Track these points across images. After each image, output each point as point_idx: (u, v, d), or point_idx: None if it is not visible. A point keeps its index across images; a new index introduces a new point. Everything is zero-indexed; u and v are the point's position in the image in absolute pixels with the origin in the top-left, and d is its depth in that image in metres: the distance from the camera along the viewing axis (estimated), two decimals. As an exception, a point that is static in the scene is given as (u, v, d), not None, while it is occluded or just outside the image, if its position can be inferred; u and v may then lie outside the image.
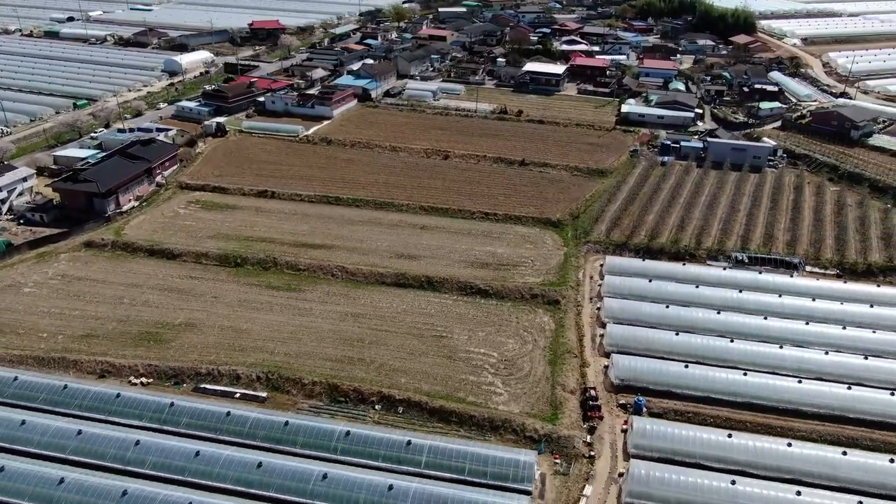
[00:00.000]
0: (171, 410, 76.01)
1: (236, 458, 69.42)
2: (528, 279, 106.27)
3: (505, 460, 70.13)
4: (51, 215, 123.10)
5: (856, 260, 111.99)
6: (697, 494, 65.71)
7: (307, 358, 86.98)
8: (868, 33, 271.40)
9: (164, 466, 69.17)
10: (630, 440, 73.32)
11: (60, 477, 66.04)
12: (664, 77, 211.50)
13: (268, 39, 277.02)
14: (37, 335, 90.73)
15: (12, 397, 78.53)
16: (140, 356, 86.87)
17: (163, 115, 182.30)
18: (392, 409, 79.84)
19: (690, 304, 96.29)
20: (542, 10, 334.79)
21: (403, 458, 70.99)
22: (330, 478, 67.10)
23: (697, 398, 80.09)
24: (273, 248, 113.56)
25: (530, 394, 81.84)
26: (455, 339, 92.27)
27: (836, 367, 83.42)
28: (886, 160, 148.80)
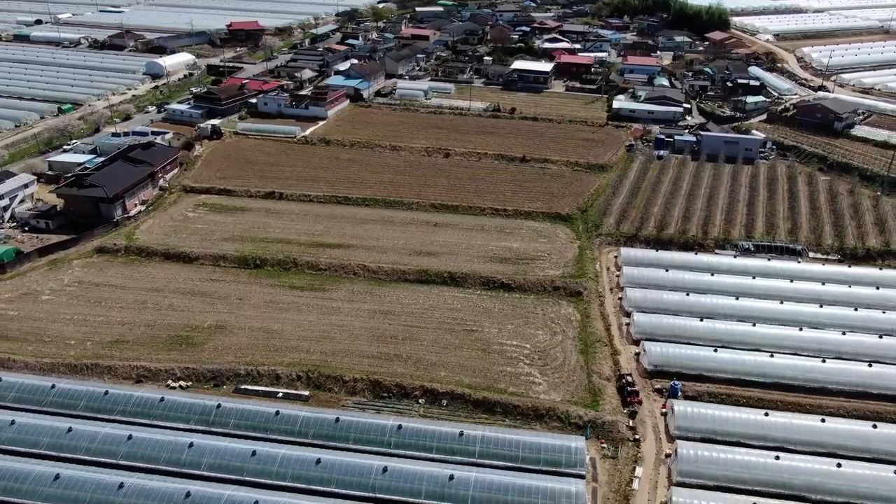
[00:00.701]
0: (219, 412, 75.95)
1: (293, 456, 69.86)
2: (547, 272, 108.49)
3: (556, 447, 72.08)
4: (56, 222, 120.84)
5: (855, 245, 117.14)
6: (744, 470, 68.64)
7: (344, 356, 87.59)
8: (835, 28, 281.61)
9: (220, 467, 69.23)
10: (672, 422, 75.98)
11: (119, 482, 65.62)
12: (648, 73, 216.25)
13: (248, 41, 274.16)
14: (64, 342, 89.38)
15: (52, 405, 77.43)
16: (174, 360, 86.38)
17: (153, 118, 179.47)
18: (436, 402, 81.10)
19: (708, 292, 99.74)
20: (519, 9, 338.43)
21: (456, 448, 72.36)
22: (390, 471, 68.12)
23: (728, 380, 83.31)
24: (291, 249, 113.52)
25: (568, 382, 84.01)
26: (486, 332, 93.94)
27: (854, 347, 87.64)
28: (870, 150, 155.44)
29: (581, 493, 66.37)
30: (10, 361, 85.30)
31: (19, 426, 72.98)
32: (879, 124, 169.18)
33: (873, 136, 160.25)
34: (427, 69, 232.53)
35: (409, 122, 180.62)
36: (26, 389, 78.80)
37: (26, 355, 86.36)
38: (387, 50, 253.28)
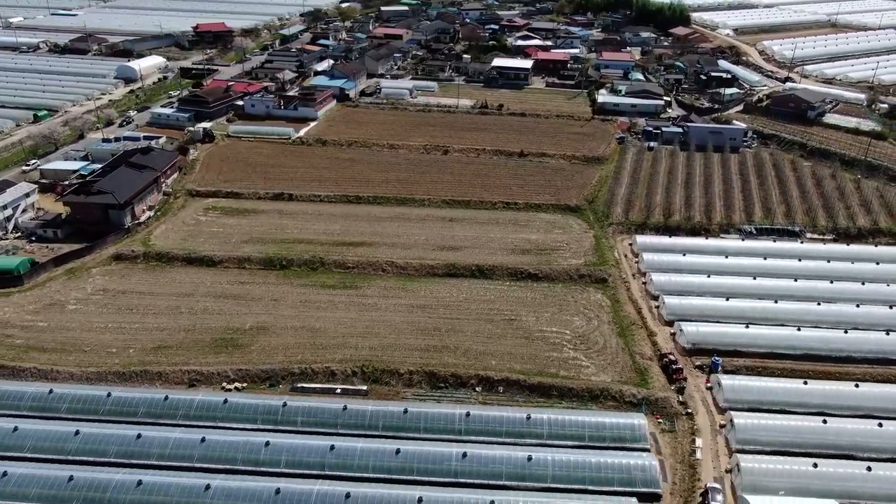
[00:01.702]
0: (285, 411, 76.41)
1: (372, 449, 71.13)
2: (570, 261, 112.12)
3: (619, 424, 75.54)
4: (65, 230, 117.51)
5: (847, 225, 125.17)
6: (797, 435, 73.54)
7: (393, 350, 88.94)
8: (787, 23, 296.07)
9: (299, 464, 69.90)
10: (721, 395, 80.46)
11: (205, 483, 65.61)
12: (623, 68, 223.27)
13: (216, 42, 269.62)
14: (105, 351, 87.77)
15: (111, 413, 76.34)
16: (224, 362, 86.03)
17: (137, 122, 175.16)
18: (492, 389, 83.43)
19: (726, 273, 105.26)
20: (484, 7, 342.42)
21: (524, 431, 75.00)
22: (469, 456, 70.20)
23: (761, 354, 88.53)
24: (314, 249, 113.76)
25: (614, 364, 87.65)
26: (524, 321, 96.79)
27: (869, 318, 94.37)
28: (842, 136, 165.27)
29: (652, 465, 70.03)
30: (53, 372, 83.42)
31: (84, 436, 71.77)
32: (846, 112, 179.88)
33: (844, 124, 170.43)
34: (406, 68, 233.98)
35: (400, 120, 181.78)
36: (81, 399, 77.44)
37: (69, 365, 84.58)
38: (362, 50, 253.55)
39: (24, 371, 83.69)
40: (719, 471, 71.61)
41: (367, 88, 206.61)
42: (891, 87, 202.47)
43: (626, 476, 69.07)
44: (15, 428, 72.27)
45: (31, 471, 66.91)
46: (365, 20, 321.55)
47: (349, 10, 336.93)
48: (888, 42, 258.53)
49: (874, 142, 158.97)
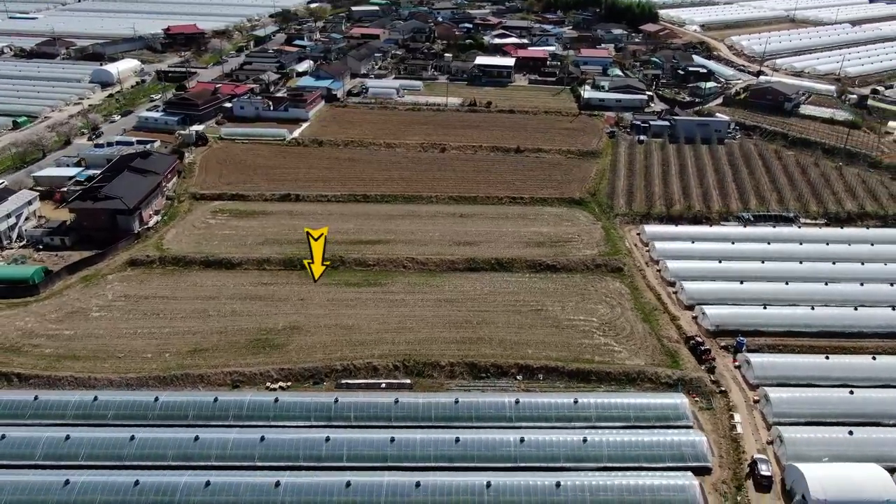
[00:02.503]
0: (337, 407, 77.18)
1: (430, 439, 72.58)
2: (584, 252, 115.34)
3: (662, 404, 78.80)
4: (72, 237, 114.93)
5: (837, 210, 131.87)
6: (828, 406, 78.01)
7: (430, 343, 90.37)
8: (749, 18, 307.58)
9: (362, 457, 70.88)
10: (751, 373, 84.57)
11: (275, 480, 66.08)
12: (601, 64, 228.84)
13: (189, 44, 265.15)
14: (140, 357, 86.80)
15: (160, 418, 75.77)
16: (264, 363, 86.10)
17: (124, 127, 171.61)
18: (532, 377, 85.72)
19: (735, 258, 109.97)
20: (455, 6, 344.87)
21: (573, 415, 77.51)
22: (527, 441, 72.35)
23: (780, 333, 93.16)
24: (332, 248, 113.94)
25: (644, 348, 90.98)
26: (551, 310, 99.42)
27: (874, 295, 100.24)
28: (819, 126, 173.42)
29: (700, 441, 73.44)
30: (91, 380, 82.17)
31: (140, 441, 71.22)
32: (819, 103, 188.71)
33: (819, 114, 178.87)
34: (388, 67, 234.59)
35: (391, 119, 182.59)
36: (128, 405, 76.65)
37: (106, 372, 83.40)
38: (340, 50, 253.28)
39: (60, 380, 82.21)
40: (760, 443, 75.45)
41: (354, 88, 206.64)
42: (856, 79, 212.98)
43: (677, 452, 72.29)
44: (67, 436, 71.23)
45: (93, 478, 66.16)
46: (337, 20, 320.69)
47: (320, 10, 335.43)
48: (848, 36, 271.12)
49: (851, 129, 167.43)
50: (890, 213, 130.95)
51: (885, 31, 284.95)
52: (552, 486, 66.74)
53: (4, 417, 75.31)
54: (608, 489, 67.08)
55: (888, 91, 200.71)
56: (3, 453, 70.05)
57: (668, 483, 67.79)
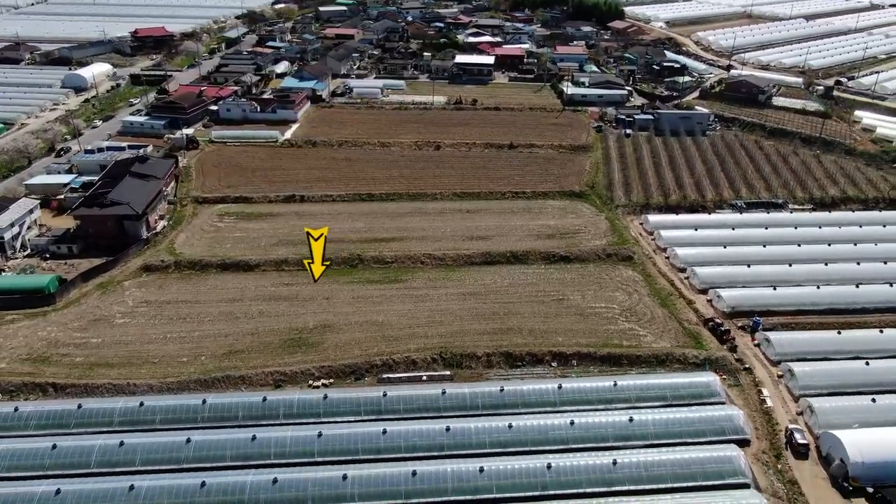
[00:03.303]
0: (386, 401, 78.36)
1: (484, 426, 74.51)
2: (594, 243, 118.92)
3: (695, 383, 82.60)
4: (80, 245, 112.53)
5: (821, 195, 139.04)
6: (848, 377, 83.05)
7: (463, 336, 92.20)
8: (710, 14, 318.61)
9: (417, 447, 72.29)
10: (771, 350, 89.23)
11: (342, 474, 67.08)
12: (577, 61, 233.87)
13: (158, 47, 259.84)
14: (176, 361, 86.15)
15: (210, 420, 75.60)
16: (302, 361, 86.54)
17: (109, 132, 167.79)
18: (566, 363, 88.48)
19: (739, 244, 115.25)
20: (423, 6, 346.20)
21: (613, 397, 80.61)
22: (577, 424, 75.03)
23: (791, 311, 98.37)
24: (348, 247, 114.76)
25: (667, 331, 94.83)
26: (572, 299, 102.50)
27: (871, 273, 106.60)
28: (793, 116, 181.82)
29: (738, 415, 77.42)
30: (130, 386, 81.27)
31: (196, 443, 71.06)
32: (789, 95, 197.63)
33: (791, 105, 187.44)
34: (367, 67, 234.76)
35: (380, 119, 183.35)
36: (175, 409, 76.21)
37: (144, 378, 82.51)
38: (315, 51, 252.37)
39: (98, 388, 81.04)
40: (790, 415, 79.93)
41: (337, 89, 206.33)
42: (819, 71, 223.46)
43: (717, 426, 76.01)
44: (121, 443, 70.55)
45: (158, 482, 65.92)
46: (306, 21, 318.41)
47: (288, 11, 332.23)
48: (805, 31, 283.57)
49: (822, 119, 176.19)
50: (870, 196, 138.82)
51: (837, 26, 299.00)
52: (609, 464, 69.66)
53: (50, 427, 74.00)
54: (661, 464, 70.36)
55: (850, 82, 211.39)
56: (58, 463, 69.07)
57: (715, 455, 71.46)
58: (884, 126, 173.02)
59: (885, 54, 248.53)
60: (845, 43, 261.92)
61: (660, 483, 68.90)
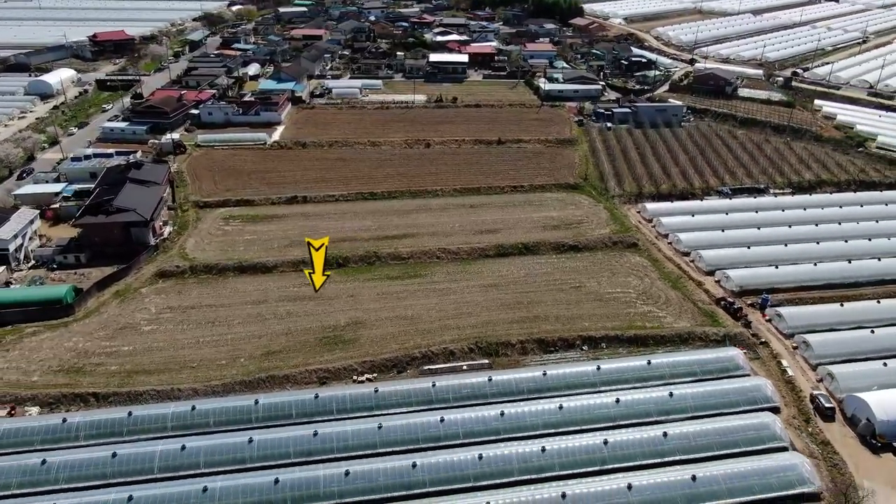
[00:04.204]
0: (436, 391, 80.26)
1: (534, 410, 77.34)
2: (598, 232, 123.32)
3: (720, 358, 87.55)
4: (88, 254, 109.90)
5: (798, 180, 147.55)
6: (858, 344, 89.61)
7: (493, 326, 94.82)
8: (662, 11, 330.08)
9: (474, 433, 74.54)
10: (783, 324, 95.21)
11: (412, 462, 68.84)
12: (547, 58, 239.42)
13: (119, 51, 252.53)
14: (215, 364, 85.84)
15: (263, 420, 75.90)
16: (343, 358, 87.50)
17: (89, 139, 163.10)
18: (596, 346, 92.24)
19: (736, 227, 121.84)
20: (385, 5, 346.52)
21: (648, 375, 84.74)
22: (622, 402, 78.78)
23: (793, 288, 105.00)
24: (362, 245, 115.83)
25: (683, 311, 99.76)
26: (588, 286, 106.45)
27: (859, 250, 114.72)
28: (759, 107, 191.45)
29: (765, 384, 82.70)
30: (175, 391, 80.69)
31: (259, 442, 71.45)
32: (752, 86, 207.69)
33: (756, 96, 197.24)
34: (339, 68, 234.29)
35: (364, 119, 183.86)
36: (228, 411, 76.16)
37: (187, 383, 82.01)
38: (284, 52, 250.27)
39: (141, 395, 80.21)
40: (811, 382, 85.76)
41: (315, 90, 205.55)
42: (775, 63, 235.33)
43: (748, 397, 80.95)
44: (183, 447, 70.33)
45: (231, 482, 66.20)
46: (268, 22, 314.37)
47: (248, 12, 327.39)
48: (758, 24, 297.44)
49: (786, 109, 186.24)
50: (842, 179, 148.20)
51: (783, 20, 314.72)
52: (660, 437, 73.64)
53: (102, 436, 73.02)
54: (705, 433, 74.78)
55: (806, 73, 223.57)
56: (120, 470, 68.34)
57: (753, 422, 76.38)
58: (843, 114, 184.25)
59: (831, 46, 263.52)
60: (796, 36, 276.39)
61: (707, 451, 73.31)
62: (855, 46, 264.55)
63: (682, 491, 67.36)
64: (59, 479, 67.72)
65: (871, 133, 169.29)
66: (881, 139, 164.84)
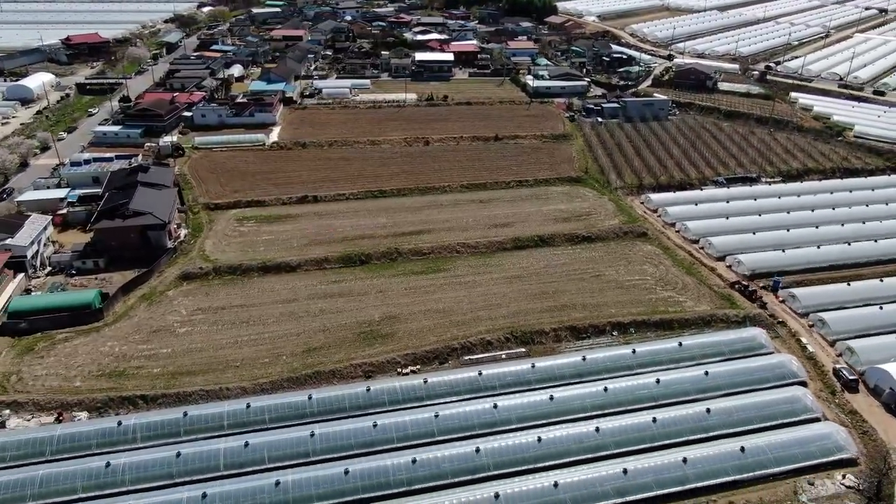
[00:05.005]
0: (482, 379, 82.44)
1: (582, 393, 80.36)
2: (608, 223, 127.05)
3: (745, 338, 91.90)
4: (106, 258, 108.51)
5: (787, 168, 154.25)
6: (870, 320, 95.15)
7: (524, 315, 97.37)
8: (634, 8, 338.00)
9: (527, 417, 77.11)
10: (797, 304, 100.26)
11: (475, 447, 71.00)
12: (529, 55, 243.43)
13: (94, 54, 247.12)
14: (258, 363, 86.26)
15: (318, 414, 76.80)
16: (384, 352, 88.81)
17: (82, 143, 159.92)
18: (625, 331, 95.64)
19: (739, 214, 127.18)
20: (359, 5, 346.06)
21: (681, 356, 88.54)
22: (662, 382, 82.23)
23: (800, 270, 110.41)
24: (382, 242, 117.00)
25: (701, 296, 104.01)
26: (607, 274, 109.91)
27: (856, 232, 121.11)
28: (740, 100, 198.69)
29: (790, 360, 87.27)
30: (224, 391, 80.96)
31: (321, 436, 72.56)
32: (730, 80, 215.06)
33: (736, 89, 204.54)
34: (324, 68, 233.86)
35: (359, 118, 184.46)
36: (283, 408, 76.85)
37: (235, 381, 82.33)
38: (266, 53, 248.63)
39: (190, 395, 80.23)
40: (831, 357, 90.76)
41: (304, 90, 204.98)
42: (749, 58, 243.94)
43: (777, 373, 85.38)
44: (246, 443, 70.92)
45: (301, 475, 67.20)
46: (244, 24, 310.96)
47: (221, 13, 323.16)
48: (731, 20, 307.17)
49: (765, 101, 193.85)
50: (827, 167, 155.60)
51: (747, 16, 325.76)
52: (703, 413, 77.34)
53: (160, 437, 72.99)
54: (744, 408, 78.77)
55: (779, 67, 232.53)
56: (185, 469, 68.64)
57: (786, 395, 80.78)
58: (819, 105, 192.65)
59: (798, 41, 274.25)
60: (766, 31, 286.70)
61: (747, 425, 77.24)
62: (819, 40, 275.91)
63: (733, 462, 71.09)
64: (124, 480, 67.68)
65: (847, 123, 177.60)
66: (858, 128, 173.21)
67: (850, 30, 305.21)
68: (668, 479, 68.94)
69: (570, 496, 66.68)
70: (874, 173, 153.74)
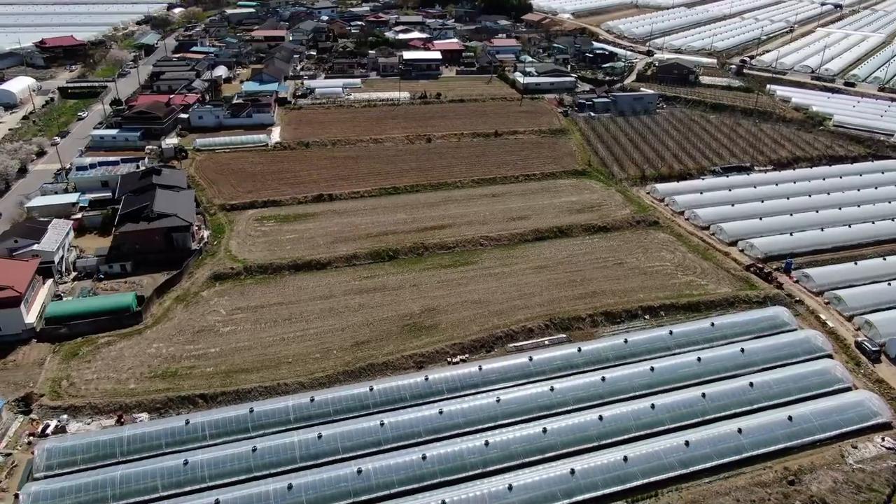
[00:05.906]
0: (533, 364, 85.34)
1: (630, 373, 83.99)
2: (620, 213, 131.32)
3: (769, 316, 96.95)
4: (132, 262, 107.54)
5: (777, 157, 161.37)
6: (881, 296, 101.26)
7: (559, 303, 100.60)
8: (605, 6, 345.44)
9: (581, 399, 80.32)
10: (811, 283, 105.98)
11: (542, 428, 73.78)
12: (513, 53, 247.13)
13: (70, 57, 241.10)
14: (310, 358, 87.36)
15: (378, 405, 78.39)
16: (432, 343, 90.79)
17: (80, 148, 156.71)
18: (656, 315, 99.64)
19: (744, 201, 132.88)
20: (334, 4, 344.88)
21: (713, 336, 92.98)
22: (702, 360, 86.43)
23: (808, 252, 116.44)
24: (407, 238, 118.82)
25: (721, 279, 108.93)
26: (629, 262, 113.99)
27: (853, 215, 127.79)
28: (722, 93, 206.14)
29: (817, 334, 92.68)
30: (282, 386, 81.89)
31: (390, 425, 74.27)
32: (711, 74, 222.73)
33: (717, 83, 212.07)
34: (311, 68, 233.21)
35: (356, 117, 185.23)
36: (344, 400, 78.35)
37: (292, 377, 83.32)
38: (249, 54, 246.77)
39: (250, 392, 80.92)
40: (850, 331, 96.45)
41: (298, 90, 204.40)
42: (723, 52, 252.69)
43: (805, 347, 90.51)
44: (319, 435, 72.23)
45: (383, 462, 69.04)
46: (220, 24, 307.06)
47: (197, 14, 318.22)
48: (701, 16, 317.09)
49: (746, 94, 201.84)
50: (814, 155, 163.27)
51: (714, 12, 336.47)
52: (747, 386, 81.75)
53: (229, 434, 73.71)
54: (782, 381, 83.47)
55: (753, 60, 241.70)
56: (262, 463, 69.61)
57: (817, 368, 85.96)
58: (797, 97, 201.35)
59: (766, 35, 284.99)
60: (737, 26, 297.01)
61: (787, 396, 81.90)
62: (785, 35, 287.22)
63: (783, 430, 75.45)
64: (204, 476, 68.32)
65: (826, 113, 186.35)
66: (837, 118, 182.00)
67: (812, 24, 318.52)
68: (726, 449, 72.90)
69: (639, 469, 70.05)
70: (857, 160, 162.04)
